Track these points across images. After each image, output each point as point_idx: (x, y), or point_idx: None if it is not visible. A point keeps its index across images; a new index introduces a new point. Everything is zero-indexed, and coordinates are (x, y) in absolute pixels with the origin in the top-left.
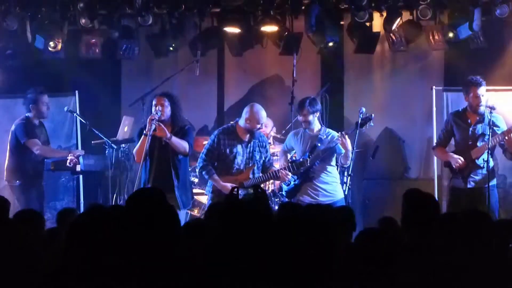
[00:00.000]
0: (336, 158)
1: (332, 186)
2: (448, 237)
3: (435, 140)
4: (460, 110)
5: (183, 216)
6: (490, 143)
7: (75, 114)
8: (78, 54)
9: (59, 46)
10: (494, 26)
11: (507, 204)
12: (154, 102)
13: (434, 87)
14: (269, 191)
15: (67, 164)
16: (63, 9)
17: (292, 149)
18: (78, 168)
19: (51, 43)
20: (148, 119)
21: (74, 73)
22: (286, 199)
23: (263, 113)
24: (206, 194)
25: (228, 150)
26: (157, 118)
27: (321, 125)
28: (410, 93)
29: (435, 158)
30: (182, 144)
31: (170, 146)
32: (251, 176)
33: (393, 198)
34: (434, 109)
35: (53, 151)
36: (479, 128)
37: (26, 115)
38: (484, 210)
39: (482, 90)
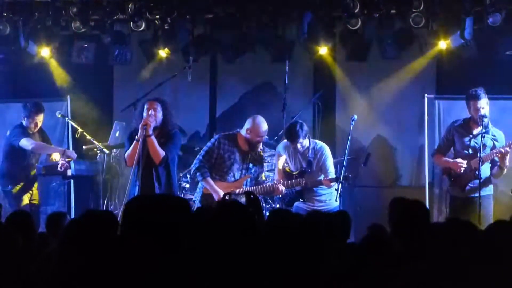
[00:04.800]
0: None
1: (326, 196)
2: (438, 245)
3: (426, 148)
4: (464, 120)
5: None
6: (483, 154)
7: (66, 119)
8: (70, 59)
9: (50, 53)
10: (486, 35)
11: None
12: (146, 107)
13: (426, 95)
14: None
15: (58, 168)
16: (56, 14)
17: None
18: (69, 172)
19: (43, 51)
20: (140, 125)
21: (67, 78)
22: (277, 206)
23: (264, 126)
24: (193, 200)
25: (227, 155)
26: (152, 125)
27: (309, 140)
28: (402, 101)
29: (426, 165)
30: (158, 149)
31: None
32: (244, 186)
33: (385, 206)
34: (426, 117)
35: (47, 147)
36: (480, 139)
37: (21, 121)
38: (477, 218)
39: (482, 103)
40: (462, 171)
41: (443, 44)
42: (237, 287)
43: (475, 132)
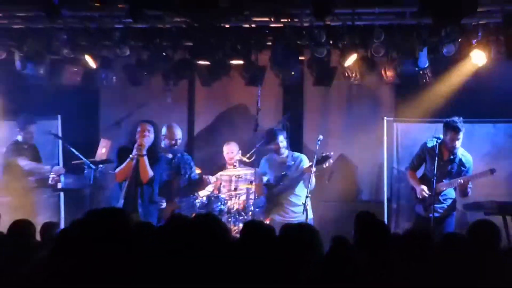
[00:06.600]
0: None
1: (301, 207)
2: (399, 256)
3: (385, 166)
4: (437, 142)
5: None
6: (446, 182)
7: (57, 138)
8: (61, 82)
9: (44, 75)
10: (441, 63)
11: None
12: (139, 129)
13: (385, 117)
14: (234, 209)
15: (49, 182)
16: (47, 40)
17: (265, 173)
18: (59, 185)
19: (41, 69)
20: (136, 145)
21: (57, 98)
22: (256, 218)
23: (178, 131)
24: None
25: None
26: (146, 146)
27: (287, 150)
28: (364, 123)
29: (385, 182)
30: (148, 169)
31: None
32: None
33: (347, 219)
34: (385, 137)
35: (37, 167)
36: (449, 166)
37: (16, 138)
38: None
39: (460, 136)
40: (421, 197)
41: (400, 72)
42: None
43: (445, 158)
